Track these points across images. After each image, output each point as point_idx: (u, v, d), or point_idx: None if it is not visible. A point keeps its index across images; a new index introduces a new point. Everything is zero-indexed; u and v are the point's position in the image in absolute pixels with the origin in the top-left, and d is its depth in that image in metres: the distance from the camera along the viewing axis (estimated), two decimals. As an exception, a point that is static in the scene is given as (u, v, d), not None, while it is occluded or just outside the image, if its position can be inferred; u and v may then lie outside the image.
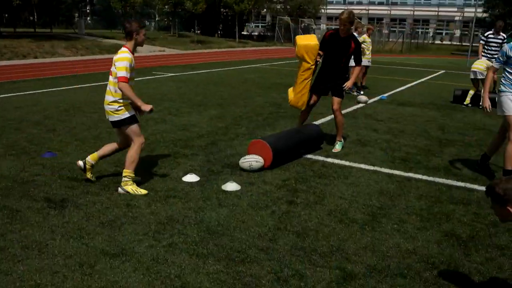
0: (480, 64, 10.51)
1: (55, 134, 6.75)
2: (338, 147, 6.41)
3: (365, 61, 12.33)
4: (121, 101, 4.50)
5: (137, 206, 4.26)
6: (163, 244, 3.56)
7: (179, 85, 12.40)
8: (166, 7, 34.92)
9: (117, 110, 4.52)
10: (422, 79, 16.37)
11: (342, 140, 6.53)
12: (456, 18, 50.23)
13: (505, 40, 11.05)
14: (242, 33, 42.94)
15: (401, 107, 10.11)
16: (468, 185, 5.25)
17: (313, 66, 5.99)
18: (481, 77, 10.43)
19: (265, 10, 44.51)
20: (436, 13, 50.19)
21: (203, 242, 3.62)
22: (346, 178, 5.27)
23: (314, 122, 7.88)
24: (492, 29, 11.25)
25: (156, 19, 50.60)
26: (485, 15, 37.66)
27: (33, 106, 8.81)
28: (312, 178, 5.23)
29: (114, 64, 4.49)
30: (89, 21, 46.82)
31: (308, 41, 5.95)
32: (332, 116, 6.57)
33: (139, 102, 4.50)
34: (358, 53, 6.26)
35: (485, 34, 11.31)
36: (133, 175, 4.62)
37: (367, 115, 9.06)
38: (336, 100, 6.33)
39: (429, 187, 5.14)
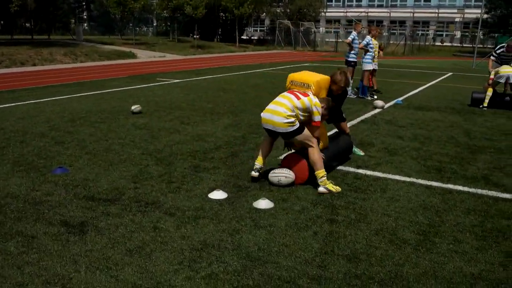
0: (508, 68, 10.25)
1: (63, 147, 6.35)
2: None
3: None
4: (295, 116, 4.79)
5: (165, 229, 3.86)
6: (202, 274, 3.16)
7: (187, 92, 12.00)
8: (165, 11, 34.52)
9: (293, 122, 4.76)
10: (432, 82, 16.02)
11: None
12: (456, 20, 50.03)
13: None
14: (242, 37, 42.62)
15: (420, 112, 9.73)
16: (515, 197, 4.87)
17: None
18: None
19: (264, 14, 44.19)
20: (436, 14, 50.01)
21: (247, 271, 3.21)
22: (384, 192, 4.88)
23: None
24: (504, 47, 10.90)
25: (154, 24, 50.19)
26: (486, 15, 37.40)
27: (36, 117, 8.41)
28: (348, 192, 4.84)
29: (312, 102, 4.83)
30: (86, 27, 46.38)
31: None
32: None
33: (320, 145, 5.11)
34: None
35: (497, 52, 11.03)
36: (325, 172, 4.80)
37: (387, 121, 8.68)
38: (345, 124, 6.10)
39: (474, 200, 4.76)
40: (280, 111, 4.77)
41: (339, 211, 4.34)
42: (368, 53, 11.76)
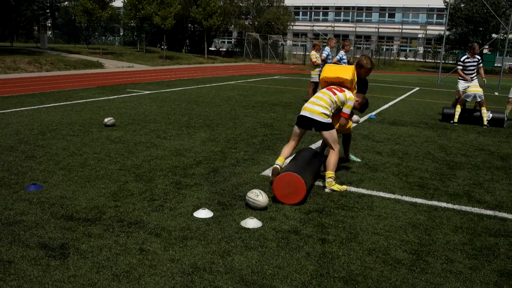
0: (476, 87, 10.58)
1: (35, 162, 6.04)
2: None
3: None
4: (331, 110, 5.45)
5: (152, 251, 3.67)
6: (196, 301, 3.00)
7: (160, 104, 11.77)
8: (132, 21, 34.04)
9: (328, 115, 5.36)
10: (402, 97, 16.33)
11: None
12: (419, 36, 51.52)
13: (480, 61, 11.17)
14: (210, 48, 42.52)
15: (394, 127, 9.84)
16: (498, 214, 4.92)
17: None
18: (479, 100, 10.43)
19: (232, 26, 44.29)
20: (400, 30, 51.37)
21: (243, 297, 3.07)
22: (371, 210, 4.84)
23: (313, 145, 7.48)
24: (466, 53, 11.29)
25: (121, 33, 49.46)
26: (448, 32, 38.68)
27: (3, 129, 8.02)
28: (335, 210, 4.77)
29: (346, 97, 5.54)
30: (50, 35, 45.22)
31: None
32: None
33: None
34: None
35: (462, 59, 11.32)
36: (334, 176, 5.30)
37: (364, 136, 8.73)
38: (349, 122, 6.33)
39: (460, 217, 4.77)
40: (320, 103, 5.40)
41: (329, 230, 4.26)
42: (342, 67, 11.85)
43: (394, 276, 3.47)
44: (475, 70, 11.20)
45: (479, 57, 11.33)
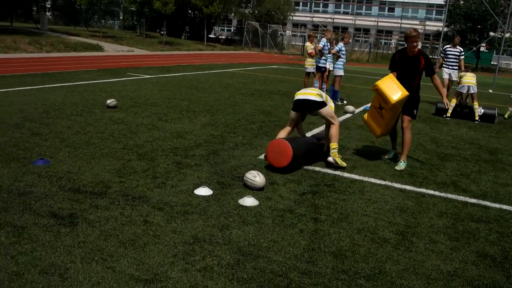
0: (471, 79, 10.77)
1: (41, 139, 6.26)
2: (402, 165, 6.26)
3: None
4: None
5: (155, 223, 3.92)
6: (197, 267, 3.26)
7: (160, 88, 11.97)
8: (132, 5, 34.01)
9: (322, 96, 5.86)
10: (398, 90, 16.56)
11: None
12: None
13: (462, 53, 11.78)
14: (209, 36, 42.55)
15: (388, 118, 10.09)
16: (481, 202, 5.20)
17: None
18: (472, 92, 10.67)
19: (232, 14, 44.27)
20: (399, 25, 51.48)
21: (240, 265, 3.33)
22: (362, 194, 5.11)
23: (306, 134, 7.74)
24: (450, 44, 12.00)
25: (121, 17, 49.33)
26: (446, 29, 38.87)
27: (8, 107, 8.21)
28: (328, 193, 5.04)
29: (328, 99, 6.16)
30: (50, 17, 45.06)
31: (399, 93, 6.04)
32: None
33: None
34: (429, 66, 6.21)
35: (443, 48, 12.05)
36: (337, 146, 5.86)
37: (359, 126, 8.98)
38: (406, 118, 6.42)
39: (445, 204, 5.05)
40: (312, 90, 5.97)
41: (322, 210, 4.53)
42: (340, 59, 12.07)
43: (380, 253, 3.74)
44: (457, 61, 11.84)
45: (461, 49, 11.95)
